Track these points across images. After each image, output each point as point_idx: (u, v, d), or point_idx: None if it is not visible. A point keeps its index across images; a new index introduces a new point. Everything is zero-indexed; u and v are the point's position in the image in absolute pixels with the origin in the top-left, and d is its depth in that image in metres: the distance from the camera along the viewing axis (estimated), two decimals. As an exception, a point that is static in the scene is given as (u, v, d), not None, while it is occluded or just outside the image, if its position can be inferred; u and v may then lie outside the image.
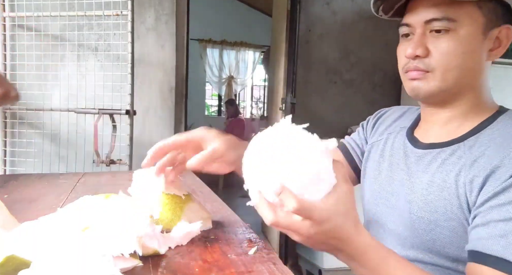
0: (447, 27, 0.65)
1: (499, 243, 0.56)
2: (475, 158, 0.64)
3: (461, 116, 0.71)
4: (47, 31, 2.23)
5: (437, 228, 0.67)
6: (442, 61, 0.66)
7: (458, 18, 0.65)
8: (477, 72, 0.68)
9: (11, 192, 1.04)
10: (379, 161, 0.83)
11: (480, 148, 0.65)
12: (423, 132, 0.77)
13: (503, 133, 0.64)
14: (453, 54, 0.66)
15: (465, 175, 0.64)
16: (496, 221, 0.57)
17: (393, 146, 0.82)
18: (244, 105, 7.88)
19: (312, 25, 3.06)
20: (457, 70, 0.66)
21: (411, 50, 0.68)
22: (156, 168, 0.72)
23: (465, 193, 0.63)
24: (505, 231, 0.56)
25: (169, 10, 2.55)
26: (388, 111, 0.92)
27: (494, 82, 3.14)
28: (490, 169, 0.60)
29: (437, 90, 0.68)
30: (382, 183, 0.80)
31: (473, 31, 0.65)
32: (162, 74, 2.60)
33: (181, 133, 0.74)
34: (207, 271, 0.59)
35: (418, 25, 0.68)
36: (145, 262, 0.60)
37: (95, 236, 0.54)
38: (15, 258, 0.49)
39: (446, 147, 0.70)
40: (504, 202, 0.57)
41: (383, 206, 0.79)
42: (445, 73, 0.67)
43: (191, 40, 3.05)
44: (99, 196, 0.67)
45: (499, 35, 0.68)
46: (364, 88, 3.16)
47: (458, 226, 0.65)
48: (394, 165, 0.79)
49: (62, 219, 0.59)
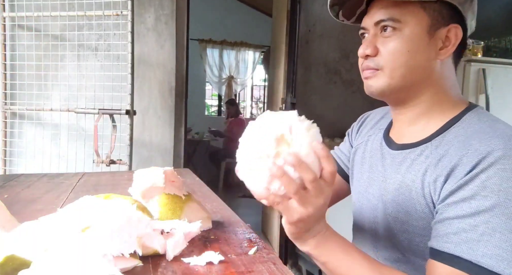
0: (392, 26, 0.68)
1: (452, 240, 0.58)
2: (440, 157, 0.65)
3: (425, 114, 0.72)
4: (47, 31, 2.23)
5: (409, 228, 0.69)
6: (389, 59, 0.69)
7: (403, 19, 0.68)
8: (425, 70, 0.69)
9: (11, 192, 1.04)
10: (362, 162, 0.85)
11: (444, 147, 0.66)
12: (396, 132, 0.79)
13: (466, 131, 0.65)
14: (399, 52, 0.68)
15: (430, 174, 0.65)
16: (450, 218, 0.59)
17: (372, 147, 0.83)
18: (244, 105, 7.88)
19: (312, 25, 3.06)
20: (403, 68, 0.69)
21: (361, 50, 0.72)
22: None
23: (429, 192, 0.65)
24: (458, 229, 0.57)
25: (169, 10, 2.55)
26: (371, 114, 0.93)
27: (494, 82, 3.14)
28: (450, 168, 0.62)
29: (387, 87, 0.71)
30: (364, 184, 0.82)
31: (418, 30, 0.68)
32: (162, 74, 2.61)
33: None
34: (207, 271, 0.59)
35: (370, 27, 0.72)
36: (145, 262, 0.60)
37: (95, 236, 0.54)
38: (15, 258, 0.49)
39: (416, 148, 0.71)
40: (458, 200, 0.59)
41: (365, 207, 0.80)
42: (392, 71, 0.69)
43: (191, 40, 3.05)
44: (99, 196, 0.67)
45: (449, 34, 0.69)
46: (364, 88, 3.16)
47: (428, 225, 0.66)
48: (373, 166, 0.80)
49: (62, 219, 0.59)
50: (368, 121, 0.91)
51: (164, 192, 0.80)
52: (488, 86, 2.83)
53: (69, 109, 2.17)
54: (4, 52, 2.23)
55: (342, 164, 0.94)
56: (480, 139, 0.61)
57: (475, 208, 0.57)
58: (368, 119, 0.92)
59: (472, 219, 0.57)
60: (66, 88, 2.24)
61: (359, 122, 0.94)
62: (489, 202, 0.56)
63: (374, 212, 0.77)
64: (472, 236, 0.56)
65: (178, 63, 2.62)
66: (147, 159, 2.52)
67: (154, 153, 2.57)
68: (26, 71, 2.23)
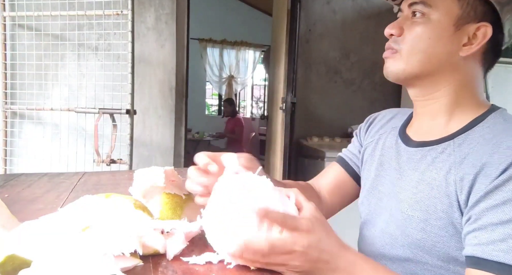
0: (422, 11, 0.67)
1: (500, 248, 0.54)
2: (465, 156, 0.63)
3: (446, 110, 0.71)
4: (47, 31, 2.23)
5: (427, 227, 0.66)
6: (409, 42, 0.69)
7: (434, 4, 0.67)
8: (444, 63, 0.68)
9: (11, 192, 1.04)
10: (371, 161, 0.84)
11: (469, 145, 0.64)
12: (415, 128, 0.77)
13: (493, 130, 0.64)
14: (420, 37, 0.68)
15: (455, 173, 0.63)
16: (494, 224, 0.56)
17: (384, 145, 0.82)
18: (245, 104, 7.88)
19: (312, 24, 3.06)
20: (420, 54, 0.68)
21: (387, 29, 0.71)
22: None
23: (455, 191, 0.62)
24: (504, 235, 0.54)
25: (169, 9, 2.55)
26: (379, 115, 0.92)
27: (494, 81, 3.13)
28: (480, 166, 0.59)
29: (402, 72, 0.70)
30: (374, 182, 0.81)
31: (445, 20, 0.66)
32: (162, 73, 2.60)
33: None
34: (208, 270, 0.59)
35: (405, 9, 0.71)
36: (145, 261, 0.60)
37: (96, 235, 0.54)
38: (15, 258, 0.49)
39: (437, 145, 0.69)
40: (498, 203, 0.56)
41: (375, 206, 0.79)
42: (409, 55, 0.69)
43: (191, 39, 3.04)
44: (99, 196, 0.66)
45: (477, 32, 0.67)
46: (365, 88, 3.16)
47: (448, 224, 0.64)
48: (385, 164, 0.79)
49: (63, 219, 0.59)
50: (376, 122, 0.90)
51: (164, 192, 0.80)
52: (489, 86, 2.83)
53: (70, 109, 2.17)
54: (4, 51, 2.23)
55: (353, 164, 0.92)
56: (510, 137, 0.59)
57: None
58: (376, 120, 0.91)
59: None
60: (66, 88, 2.24)
61: (367, 123, 0.93)
62: None
63: (385, 210, 0.76)
64: None
65: (178, 63, 2.62)
66: (147, 158, 2.53)
67: (155, 152, 2.57)
68: (26, 70, 2.23)
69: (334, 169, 0.95)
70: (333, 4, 3.08)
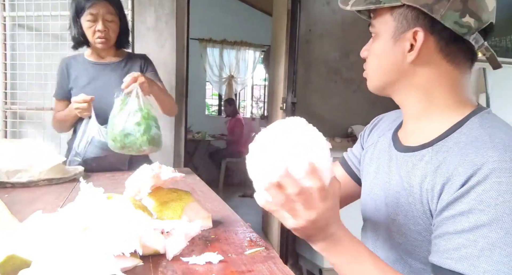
0: (372, 31, 0.74)
1: (452, 256, 0.57)
2: (439, 164, 0.64)
3: (423, 114, 0.72)
4: (47, 31, 2.23)
5: (407, 232, 0.69)
6: (368, 62, 0.77)
7: (376, 24, 0.72)
8: (397, 72, 0.72)
9: (11, 192, 1.04)
10: (369, 164, 0.85)
11: (444, 153, 0.65)
12: (403, 131, 0.79)
13: (467, 137, 0.64)
14: (372, 56, 0.75)
15: (428, 181, 0.65)
16: (449, 233, 0.58)
17: (380, 148, 0.83)
18: (245, 104, 7.88)
19: (312, 24, 3.06)
20: (375, 71, 0.75)
21: (361, 53, 0.79)
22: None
23: (427, 200, 0.65)
24: (458, 244, 0.57)
25: (169, 9, 2.55)
26: (385, 117, 0.93)
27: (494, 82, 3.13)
28: (447, 177, 0.61)
29: (373, 87, 0.78)
30: (370, 185, 0.82)
31: (385, 35, 0.71)
32: (162, 73, 2.59)
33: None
34: (208, 270, 0.59)
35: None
36: (145, 261, 0.60)
37: (96, 235, 0.54)
38: (15, 258, 0.49)
39: (417, 152, 0.70)
40: (456, 213, 0.58)
41: (371, 208, 0.81)
42: (370, 73, 0.77)
43: (191, 39, 3.04)
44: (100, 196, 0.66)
45: (416, 37, 0.68)
46: (365, 88, 3.14)
47: (424, 229, 0.66)
48: (380, 167, 0.80)
49: (62, 219, 0.59)
50: (380, 124, 0.91)
51: (164, 191, 0.80)
52: (489, 85, 2.83)
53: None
54: (4, 51, 2.23)
55: (353, 166, 0.94)
56: (477, 149, 0.60)
57: (473, 222, 0.56)
58: (381, 122, 0.92)
59: (471, 234, 0.56)
60: (66, 88, 2.23)
61: (372, 124, 0.94)
62: (486, 216, 0.55)
63: (377, 213, 0.78)
64: (472, 252, 0.56)
65: (178, 63, 2.62)
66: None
67: (154, 152, 2.57)
68: (26, 70, 2.23)
69: (335, 170, 0.96)
70: (333, 4, 3.08)
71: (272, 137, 0.58)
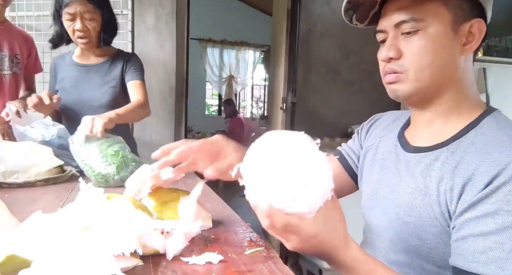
0: (415, 27, 0.66)
1: (479, 260, 0.55)
2: (456, 164, 0.63)
3: (443, 115, 0.70)
4: (47, 31, 2.23)
5: (421, 233, 0.67)
6: (414, 61, 0.67)
7: (425, 18, 0.65)
8: (451, 68, 0.68)
9: (11, 192, 1.04)
10: (372, 164, 0.84)
11: (461, 153, 0.64)
12: (411, 133, 0.77)
13: (485, 138, 0.63)
14: (424, 53, 0.66)
15: (446, 182, 0.63)
16: (474, 235, 0.56)
17: (384, 149, 0.81)
18: (245, 104, 7.88)
19: (312, 24, 3.06)
20: (429, 69, 0.67)
21: (384, 53, 0.70)
22: (160, 163, 0.74)
23: (445, 201, 0.63)
24: (484, 247, 0.55)
25: (169, 9, 2.55)
26: (383, 116, 0.92)
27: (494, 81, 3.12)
28: (467, 177, 0.59)
29: (414, 90, 0.69)
30: (375, 187, 0.80)
31: (442, 28, 0.66)
32: (162, 73, 2.60)
33: (195, 140, 0.77)
34: (208, 270, 0.59)
35: (390, 29, 0.69)
36: (145, 261, 0.60)
37: (96, 235, 0.54)
38: (15, 258, 0.49)
39: (431, 152, 0.69)
40: (481, 215, 0.56)
41: (377, 210, 0.79)
42: (418, 73, 0.67)
43: (191, 39, 3.04)
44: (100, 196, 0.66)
45: (471, 29, 0.67)
46: (365, 88, 3.16)
47: (441, 232, 0.64)
48: (386, 168, 0.79)
49: (62, 219, 0.59)
50: (378, 123, 0.90)
51: (164, 191, 0.80)
52: (489, 86, 2.83)
53: (70, 109, 2.16)
54: (4, 51, 2.23)
55: (350, 160, 0.93)
56: (499, 148, 0.59)
57: (500, 224, 0.54)
58: (378, 121, 0.91)
59: (498, 236, 0.54)
60: (66, 88, 2.23)
61: (369, 122, 0.93)
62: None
63: (385, 215, 0.76)
64: (499, 255, 0.54)
65: (178, 63, 2.62)
66: (147, 158, 2.52)
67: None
68: (26, 70, 2.23)
69: (331, 162, 0.95)
70: (333, 4, 3.08)
71: (266, 159, 0.51)
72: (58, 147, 1.33)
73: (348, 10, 0.74)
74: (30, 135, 1.34)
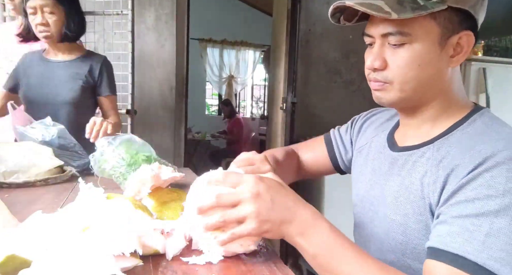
0: (401, 41, 0.65)
1: (456, 240, 0.55)
2: (441, 158, 0.64)
3: (432, 119, 0.71)
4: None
5: (407, 231, 0.68)
6: (398, 74, 0.66)
7: (412, 32, 0.64)
8: (437, 80, 0.67)
9: (11, 192, 1.04)
10: (364, 165, 0.84)
11: (446, 148, 0.65)
12: (401, 135, 0.78)
13: (471, 134, 0.64)
14: (409, 67, 0.65)
15: (430, 175, 0.64)
16: (453, 217, 0.57)
17: (375, 150, 0.82)
18: (245, 104, 7.88)
19: (312, 24, 3.06)
20: (414, 82, 0.66)
21: (369, 62, 0.69)
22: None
23: (428, 193, 0.64)
24: (462, 228, 0.55)
25: (169, 9, 2.55)
26: (379, 113, 0.91)
27: (494, 81, 3.13)
28: (451, 168, 0.60)
29: (398, 99, 0.69)
30: (366, 187, 0.81)
31: (429, 43, 0.64)
32: (162, 73, 2.61)
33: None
34: (208, 270, 0.59)
35: (377, 37, 0.68)
36: (145, 261, 0.60)
37: (96, 235, 0.54)
38: (15, 258, 0.49)
39: (417, 149, 0.70)
40: (461, 200, 0.57)
41: (368, 210, 0.80)
42: (402, 85, 0.67)
43: (191, 39, 3.05)
44: (100, 196, 0.67)
45: (460, 41, 0.66)
46: (364, 88, 3.15)
47: (425, 228, 0.65)
48: (376, 169, 0.79)
49: (62, 219, 0.59)
50: (374, 119, 0.90)
51: (164, 190, 0.80)
52: (489, 85, 2.83)
53: (70, 109, 2.16)
54: (4, 51, 2.23)
55: (336, 148, 0.96)
56: (484, 141, 0.60)
57: (479, 208, 0.55)
58: (374, 117, 0.91)
59: (476, 219, 0.55)
60: (66, 88, 2.23)
61: (363, 118, 0.93)
62: (494, 202, 0.54)
63: (375, 215, 0.77)
64: (477, 237, 0.54)
65: (179, 63, 2.62)
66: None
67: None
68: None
69: (318, 146, 1.00)
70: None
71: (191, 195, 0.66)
72: (58, 147, 1.33)
73: (335, 13, 0.72)
74: (30, 135, 1.34)
